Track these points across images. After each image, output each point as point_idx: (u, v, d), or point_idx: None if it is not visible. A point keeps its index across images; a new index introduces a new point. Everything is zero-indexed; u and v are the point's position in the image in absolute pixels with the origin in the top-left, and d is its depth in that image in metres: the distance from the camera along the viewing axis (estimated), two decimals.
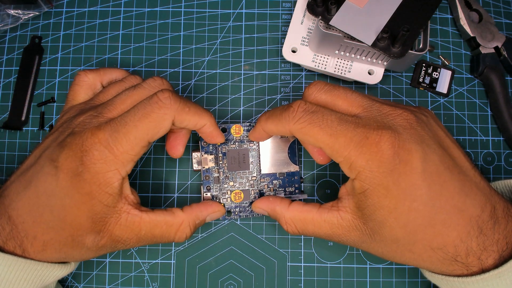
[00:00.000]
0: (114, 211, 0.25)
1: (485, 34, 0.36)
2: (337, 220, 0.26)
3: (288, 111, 0.26)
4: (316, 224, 0.27)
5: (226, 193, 0.32)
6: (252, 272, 0.34)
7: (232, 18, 0.38)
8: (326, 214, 0.27)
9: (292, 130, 0.26)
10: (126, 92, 0.28)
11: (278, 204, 0.29)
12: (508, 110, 0.35)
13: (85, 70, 0.31)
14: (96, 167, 0.24)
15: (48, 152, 0.26)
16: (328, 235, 0.27)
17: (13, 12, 0.37)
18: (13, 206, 0.25)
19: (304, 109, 0.26)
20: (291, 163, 0.33)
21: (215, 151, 0.33)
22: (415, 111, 0.26)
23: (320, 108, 0.26)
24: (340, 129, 0.25)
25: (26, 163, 0.27)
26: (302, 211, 0.28)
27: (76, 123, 0.26)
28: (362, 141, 0.24)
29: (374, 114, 0.26)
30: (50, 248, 0.25)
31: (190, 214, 0.28)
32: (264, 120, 0.28)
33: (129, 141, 0.25)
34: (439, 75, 0.37)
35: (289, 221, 0.28)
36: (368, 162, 0.24)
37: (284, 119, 0.26)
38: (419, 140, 0.24)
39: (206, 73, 0.37)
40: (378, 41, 0.31)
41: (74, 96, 0.30)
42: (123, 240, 0.26)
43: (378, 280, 0.33)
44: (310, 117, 0.25)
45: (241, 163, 0.33)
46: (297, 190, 0.33)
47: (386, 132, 0.24)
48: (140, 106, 0.26)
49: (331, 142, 0.25)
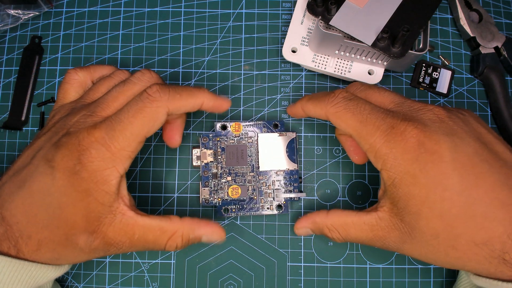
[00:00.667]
0: (110, 210, 0.25)
1: (485, 34, 0.36)
2: (376, 221, 0.26)
3: (329, 96, 0.28)
4: (357, 227, 0.27)
5: (224, 188, 0.33)
6: (252, 272, 0.34)
7: (232, 18, 0.38)
8: (365, 216, 0.27)
9: (328, 112, 0.28)
10: (116, 88, 0.28)
11: (316, 215, 0.29)
12: (508, 110, 0.35)
13: (75, 68, 0.30)
14: (93, 165, 0.24)
15: (43, 153, 0.25)
16: (370, 239, 0.27)
17: (13, 12, 0.37)
18: (6, 206, 0.25)
19: (344, 96, 0.27)
20: (290, 161, 0.33)
21: (214, 146, 0.33)
22: (449, 108, 0.27)
23: (357, 97, 0.27)
24: (370, 117, 0.26)
25: (17, 164, 0.27)
26: (341, 216, 0.28)
27: (71, 123, 0.26)
28: (388, 130, 0.25)
29: (405, 109, 0.27)
30: (44, 247, 0.25)
31: (186, 225, 0.27)
32: (306, 99, 0.30)
33: (125, 137, 0.25)
34: (439, 75, 0.37)
35: (331, 227, 0.28)
36: (392, 150, 0.25)
37: (323, 101, 0.28)
38: (448, 132, 0.24)
39: (206, 73, 0.37)
40: (378, 41, 0.31)
41: (64, 95, 0.30)
42: (116, 243, 0.26)
43: (378, 280, 0.33)
44: (346, 103, 0.27)
45: (239, 158, 0.33)
46: (296, 190, 0.33)
47: (412, 123, 0.25)
48: (133, 103, 0.26)
49: (360, 128, 0.26)
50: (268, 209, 0.33)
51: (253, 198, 0.33)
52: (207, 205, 0.33)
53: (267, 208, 0.33)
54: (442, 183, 0.23)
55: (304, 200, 0.35)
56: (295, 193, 0.33)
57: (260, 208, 0.33)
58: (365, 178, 0.35)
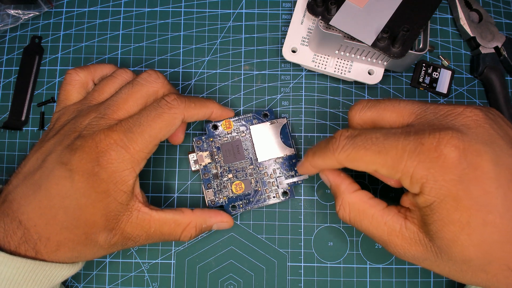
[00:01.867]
0: (127, 208, 0.27)
1: (485, 34, 0.36)
2: (400, 228, 0.24)
3: (331, 143, 0.25)
4: (374, 222, 0.25)
5: (227, 186, 0.33)
6: (252, 272, 0.34)
7: (232, 18, 0.38)
8: (390, 216, 0.24)
9: (339, 160, 0.24)
10: (125, 90, 0.28)
11: (346, 184, 0.27)
12: (508, 110, 0.35)
13: (75, 68, 0.31)
14: (113, 166, 0.25)
15: (56, 156, 0.26)
16: (382, 240, 0.24)
17: (13, 12, 0.37)
18: (22, 210, 0.25)
19: (346, 136, 0.24)
20: (286, 147, 0.34)
21: (209, 147, 0.33)
22: (481, 108, 0.23)
23: (362, 130, 0.24)
24: (388, 142, 0.22)
25: (27, 167, 0.27)
26: (366, 202, 0.25)
27: (82, 126, 0.27)
28: (418, 148, 0.21)
29: (429, 118, 0.23)
30: (63, 247, 0.26)
31: (199, 216, 0.29)
32: (311, 156, 0.27)
33: (144, 140, 0.26)
34: (439, 75, 0.37)
35: (346, 205, 0.26)
36: (430, 170, 0.21)
37: (329, 151, 0.25)
38: (488, 140, 0.21)
39: (206, 73, 0.37)
40: (378, 41, 0.31)
41: (66, 96, 0.30)
42: (134, 237, 0.27)
43: (378, 280, 0.33)
44: (353, 142, 0.24)
45: (236, 154, 0.33)
46: (297, 173, 0.33)
47: (446, 133, 0.21)
48: (152, 108, 0.27)
49: (382, 159, 0.22)
50: (275, 197, 0.33)
51: (258, 190, 0.33)
52: (213, 206, 0.33)
53: (273, 197, 0.33)
54: (487, 205, 0.20)
55: (304, 201, 0.35)
56: (297, 177, 0.33)
57: (266, 199, 0.33)
58: (365, 178, 0.35)
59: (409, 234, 0.23)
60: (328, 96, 0.36)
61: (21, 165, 0.27)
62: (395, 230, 0.24)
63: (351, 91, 0.37)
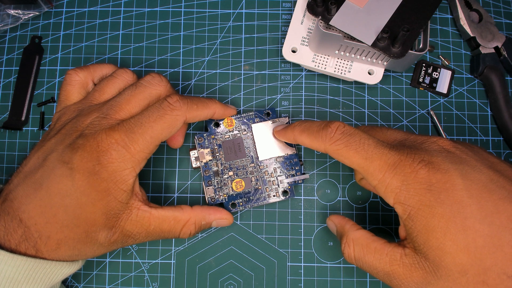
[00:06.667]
0: (127, 207, 0.27)
1: (485, 34, 0.36)
2: (400, 256, 0.25)
3: (326, 131, 0.27)
4: (376, 254, 0.26)
5: (227, 183, 0.33)
6: (252, 272, 0.34)
7: (232, 18, 0.38)
8: (391, 248, 0.26)
9: (328, 149, 0.27)
10: (127, 91, 0.29)
11: (350, 224, 0.29)
12: (508, 110, 0.35)
13: (75, 68, 0.31)
14: (113, 165, 0.26)
15: (57, 155, 0.26)
16: (386, 273, 0.25)
17: (13, 12, 0.37)
18: (23, 209, 0.25)
19: (343, 131, 0.26)
20: (287, 146, 0.34)
21: (210, 145, 0.33)
22: (455, 141, 0.26)
23: (358, 131, 0.26)
24: (376, 152, 0.25)
25: (28, 166, 0.27)
26: (368, 238, 0.27)
27: (83, 125, 0.27)
28: (396, 163, 0.24)
29: (409, 143, 0.26)
30: (64, 246, 0.26)
31: (198, 213, 0.30)
32: (298, 131, 0.29)
33: (145, 140, 0.27)
34: (439, 75, 0.37)
35: (351, 241, 0.27)
36: (403, 182, 0.24)
37: (321, 137, 0.27)
38: (456, 161, 0.24)
39: (206, 73, 0.37)
40: (378, 41, 0.31)
41: (67, 96, 0.30)
42: (133, 235, 0.27)
43: (378, 280, 0.33)
44: (347, 140, 0.26)
45: (237, 151, 0.33)
46: (298, 173, 0.33)
47: (419, 155, 0.24)
48: (154, 109, 0.28)
49: (366, 165, 0.25)
50: (275, 196, 0.33)
51: (258, 189, 0.33)
52: (213, 203, 0.33)
53: (274, 196, 0.33)
54: (461, 212, 0.22)
55: (304, 201, 0.35)
56: (298, 176, 0.33)
57: (266, 197, 0.33)
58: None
59: (409, 260, 0.24)
60: (328, 96, 0.36)
61: (22, 164, 0.27)
62: (396, 260, 0.25)
63: (351, 91, 0.37)
